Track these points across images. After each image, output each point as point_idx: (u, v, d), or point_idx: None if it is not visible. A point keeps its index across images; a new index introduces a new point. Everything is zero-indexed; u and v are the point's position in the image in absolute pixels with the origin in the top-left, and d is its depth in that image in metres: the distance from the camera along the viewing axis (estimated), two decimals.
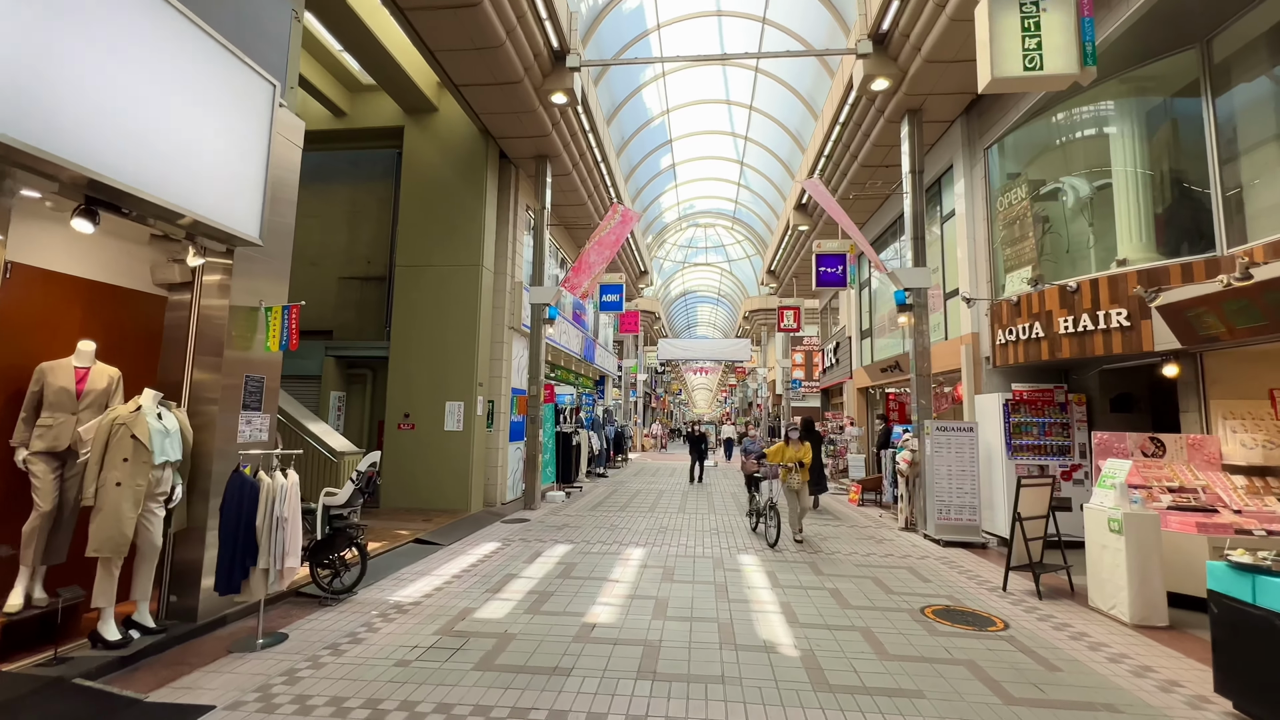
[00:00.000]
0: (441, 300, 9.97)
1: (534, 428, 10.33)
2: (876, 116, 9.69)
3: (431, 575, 5.90)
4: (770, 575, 6.05)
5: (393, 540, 7.22)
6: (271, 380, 5.09)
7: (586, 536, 7.86)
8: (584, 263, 10.21)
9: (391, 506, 9.52)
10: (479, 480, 9.82)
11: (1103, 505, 5.17)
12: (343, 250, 11.82)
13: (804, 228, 15.21)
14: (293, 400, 8.22)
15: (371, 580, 5.63)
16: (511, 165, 11.14)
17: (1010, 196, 8.06)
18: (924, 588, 5.72)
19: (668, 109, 15.42)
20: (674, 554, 6.96)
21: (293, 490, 4.20)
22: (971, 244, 9.01)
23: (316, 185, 12.04)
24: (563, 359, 15.57)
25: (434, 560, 6.49)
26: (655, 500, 11.37)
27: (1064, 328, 6.94)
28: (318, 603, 5.00)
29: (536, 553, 6.92)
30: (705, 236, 28.17)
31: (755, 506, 8.22)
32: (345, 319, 11.42)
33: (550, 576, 5.90)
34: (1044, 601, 5.35)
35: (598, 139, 11.67)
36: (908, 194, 9.04)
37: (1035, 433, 7.77)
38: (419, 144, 10.47)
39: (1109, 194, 7.15)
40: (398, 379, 9.87)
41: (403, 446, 9.65)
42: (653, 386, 34.96)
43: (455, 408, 9.66)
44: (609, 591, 5.42)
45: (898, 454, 9.24)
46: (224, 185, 4.33)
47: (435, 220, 10.20)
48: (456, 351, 9.81)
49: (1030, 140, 8.16)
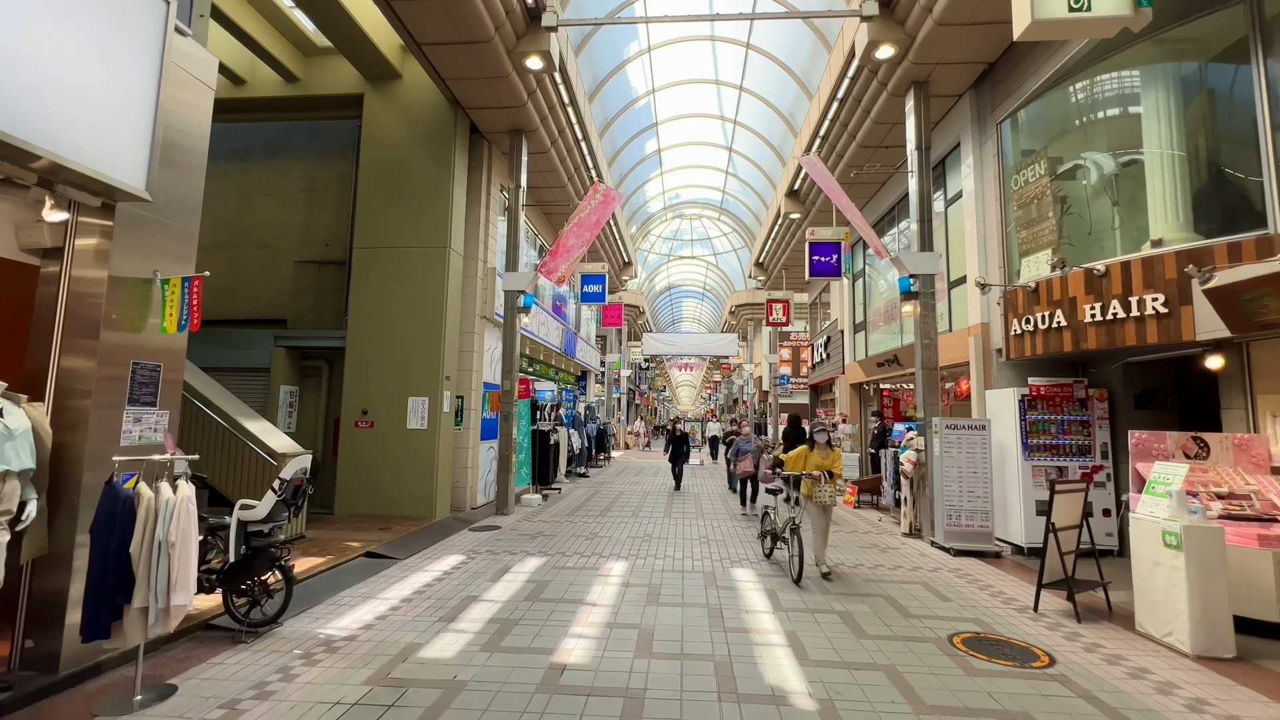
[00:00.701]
0: (404, 285, 9.06)
1: (508, 425, 9.48)
2: (879, 90, 8.98)
3: (377, 599, 5.05)
4: (770, 595, 5.30)
5: (340, 554, 6.34)
6: (172, 369, 4.20)
7: (562, 547, 7.05)
8: (562, 246, 9.37)
9: (348, 514, 8.61)
10: (445, 483, 8.94)
11: (1154, 515, 4.49)
12: (298, 231, 10.83)
13: (796, 215, 14.51)
14: (228, 395, 7.28)
15: (303, 606, 4.76)
16: (484, 141, 10.24)
17: (1027, 174, 7.40)
18: (945, 609, 5.02)
19: (653, 89, 14.60)
20: (660, 568, 6.18)
21: (183, 508, 3.33)
22: (981, 227, 8.34)
23: (269, 160, 11.06)
24: (542, 353, 14.71)
25: (384, 579, 5.63)
26: (639, 503, 10.59)
27: (1090, 316, 6.29)
28: (230, 638, 4.13)
29: (504, 568, 6.09)
30: (691, 229, 27.42)
31: (769, 527, 6.57)
32: (301, 306, 10.44)
33: (517, 599, 5.08)
34: (1083, 625, 4.67)
35: (578, 114, 10.81)
36: (913, 173, 8.35)
37: (1053, 431, 7.13)
38: (381, 114, 9.52)
39: (1138, 170, 6.50)
40: (355, 371, 8.94)
41: (360, 446, 8.74)
42: (637, 383, 34.19)
43: (419, 404, 8.77)
44: (585, 619, 4.62)
45: (900, 454, 8.57)
46: (96, 122, 3.44)
47: (398, 198, 9.28)
48: (421, 341, 8.92)
49: (1049, 113, 7.49)
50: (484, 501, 10.17)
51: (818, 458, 6.09)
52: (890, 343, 11.82)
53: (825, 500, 5.90)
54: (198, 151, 4.46)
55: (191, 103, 4.39)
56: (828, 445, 6.15)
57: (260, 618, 4.31)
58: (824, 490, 5.89)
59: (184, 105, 4.34)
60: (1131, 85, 6.71)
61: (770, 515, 6.66)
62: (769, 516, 6.68)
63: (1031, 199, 7.35)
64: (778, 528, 6.28)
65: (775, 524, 6.40)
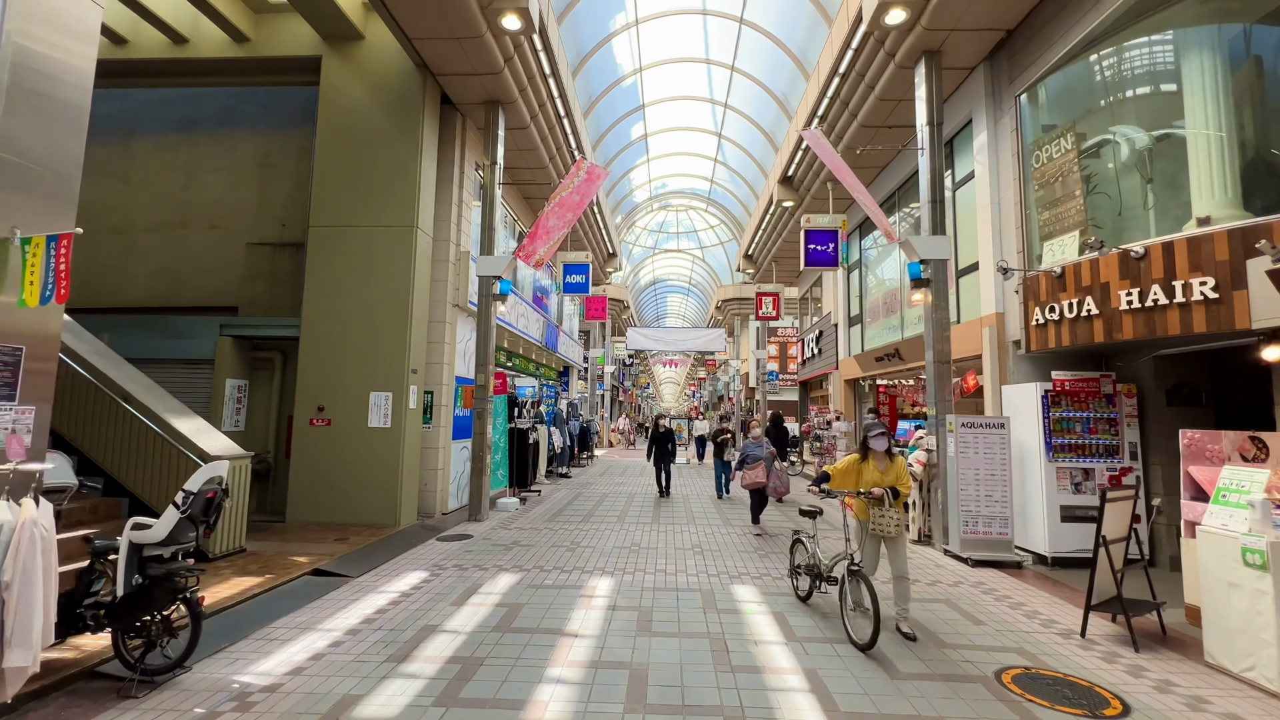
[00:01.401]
0: (366, 268, 8.18)
1: (481, 423, 8.66)
2: (885, 62, 8.32)
3: (316, 630, 4.23)
4: (779, 621, 4.59)
5: (282, 572, 5.49)
6: (40, 354, 3.34)
7: (540, 560, 6.27)
8: (541, 227, 8.57)
9: (301, 522, 7.73)
10: (411, 488, 8.10)
11: (1228, 529, 3.87)
12: (251, 211, 9.87)
13: (789, 204, 13.85)
14: (156, 389, 6.36)
15: (223, 642, 3.94)
16: (457, 113, 9.38)
17: (1050, 150, 6.79)
18: (981, 635, 4.36)
19: (640, 67, 13.81)
20: (650, 585, 5.45)
21: (25, 535, 2.49)
22: (996, 210, 7.74)
23: (220, 131, 10.09)
24: (521, 346, 13.88)
25: (329, 603, 4.81)
26: (625, 507, 9.84)
27: (1126, 302, 5.69)
28: (116, 692, 3.29)
29: (473, 587, 5.30)
30: (677, 221, 26.71)
31: (805, 561, 4.97)
32: (253, 292, 9.49)
33: (484, 629, 4.30)
34: (1142, 655, 4.05)
35: (560, 87, 9.99)
36: (923, 150, 7.71)
37: (1078, 430, 6.54)
38: (340, 79, 8.61)
39: (1176, 143, 5.93)
40: (310, 363, 8.04)
41: (315, 447, 7.86)
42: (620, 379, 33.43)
43: (381, 399, 7.90)
44: (564, 655, 3.86)
45: (909, 454, 7.95)
46: None
47: (359, 172, 8.38)
48: (384, 331, 8.05)
49: (1075, 84, 6.88)
50: (456, 506, 9.35)
51: (874, 471, 4.48)
52: (890, 336, 11.23)
53: (888, 529, 4.29)
54: (75, 104, 3.58)
55: (65, 47, 3.52)
56: (887, 454, 4.54)
57: (161, 662, 3.47)
58: (887, 516, 4.28)
59: (54, 49, 3.47)
60: (1169, 51, 6.11)
61: (805, 544, 4.99)
62: (803, 545, 5.04)
63: (1055, 177, 6.74)
64: (822, 565, 4.73)
65: (817, 559, 4.80)
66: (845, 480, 4.62)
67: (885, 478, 4.45)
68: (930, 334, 7.38)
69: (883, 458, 4.54)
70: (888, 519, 4.30)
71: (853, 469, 4.60)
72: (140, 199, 10.09)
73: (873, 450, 4.54)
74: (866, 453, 4.57)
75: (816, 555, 4.84)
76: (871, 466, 4.53)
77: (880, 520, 4.30)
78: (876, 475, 4.47)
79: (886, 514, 4.30)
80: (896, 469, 4.51)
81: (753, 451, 7.96)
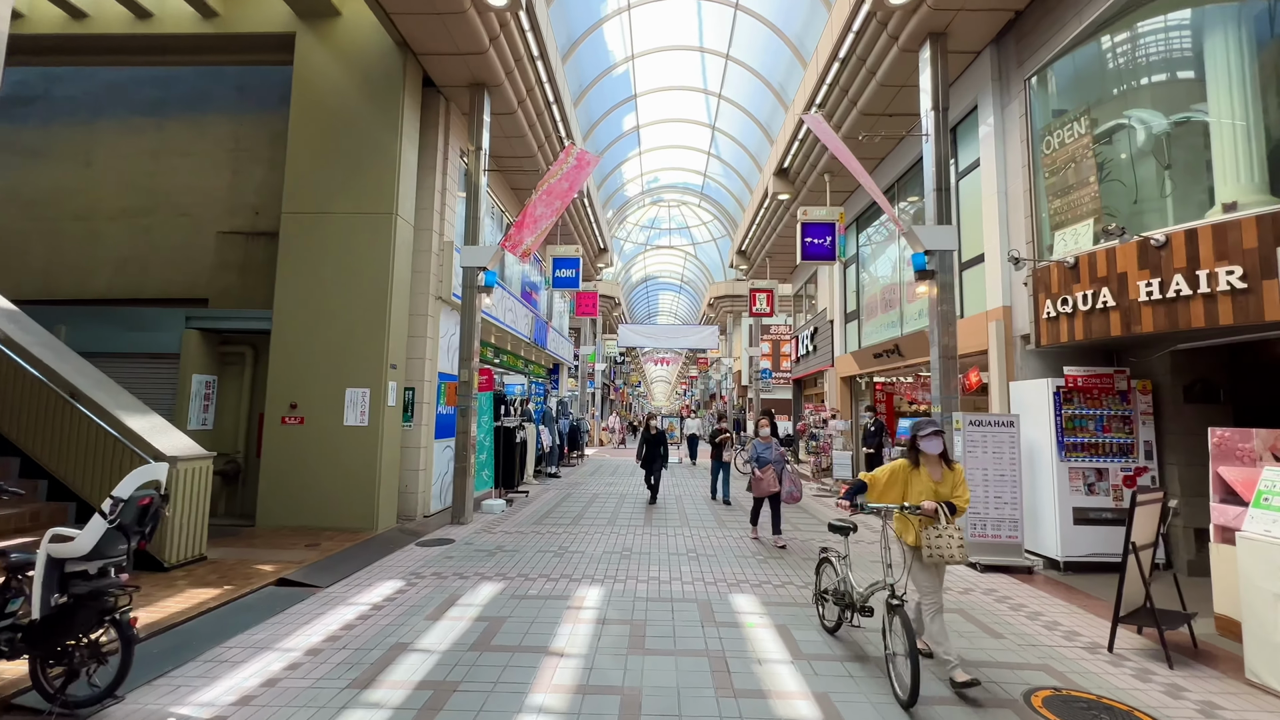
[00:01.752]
0: (342, 257, 7.73)
1: (465, 421, 8.24)
2: (889, 45, 7.99)
3: (273, 650, 3.82)
4: (784, 634, 4.24)
5: (243, 583, 5.05)
6: None
7: (525, 567, 5.88)
8: (529, 215, 8.15)
9: (272, 525, 7.28)
10: (389, 489, 7.67)
11: (1271, 535, 3.56)
12: (223, 198, 9.38)
13: (784, 196, 13.52)
14: (108, 383, 5.89)
15: (166, 666, 3.52)
16: (440, 96, 8.94)
17: (1062, 135, 6.49)
18: (1001, 650, 4.03)
19: (632, 55, 13.41)
20: (643, 595, 5.07)
21: None
22: (1003, 199, 7.43)
23: (189, 114, 9.59)
24: (510, 342, 13.46)
25: (291, 618, 4.39)
26: (615, 508, 9.46)
27: (1146, 294, 5.39)
28: None
29: (452, 598, 4.90)
30: (669, 216, 26.36)
31: (832, 586, 4.22)
32: (225, 284, 9.02)
33: (461, 648, 3.91)
34: (1178, 672, 3.73)
35: (549, 71, 9.58)
36: (928, 137, 7.38)
37: (1091, 428, 6.25)
38: (315, 57, 8.14)
39: (1195, 128, 5.63)
40: (282, 358, 7.58)
41: (288, 446, 7.41)
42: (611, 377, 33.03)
43: (358, 396, 7.47)
44: (548, 678, 3.48)
45: None
46: None
47: (335, 155, 7.93)
48: (361, 323, 7.61)
49: (1089, 66, 6.58)
50: (439, 508, 8.92)
51: (925, 480, 3.65)
52: (889, 332, 10.93)
53: (946, 554, 3.41)
54: None
55: None
56: (943, 460, 3.69)
57: (88, 693, 3.05)
58: (945, 536, 3.43)
59: None
60: (1189, 30, 5.81)
61: (834, 565, 4.21)
62: (831, 567, 4.26)
63: (1067, 163, 6.44)
64: (855, 593, 3.94)
65: (849, 584, 4.00)
66: (890, 492, 3.75)
67: (940, 489, 3.61)
68: (935, 328, 7.06)
69: (936, 464, 3.68)
70: (947, 540, 3.42)
71: (898, 478, 3.74)
72: (104, 185, 9.56)
73: (924, 454, 3.68)
74: (917, 457, 3.70)
75: (849, 580, 4.00)
76: (923, 475, 3.66)
77: (937, 542, 3.43)
78: (928, 486, 3.63)
79: (945, 533, 3.43)
80: (954, 479, 3.66)
81: (763, 454, 7.06)
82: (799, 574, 5.79)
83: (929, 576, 3.59)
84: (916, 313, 9.97)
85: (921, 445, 3.65)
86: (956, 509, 3.56)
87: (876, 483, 3.79)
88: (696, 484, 12.81)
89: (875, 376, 12.60)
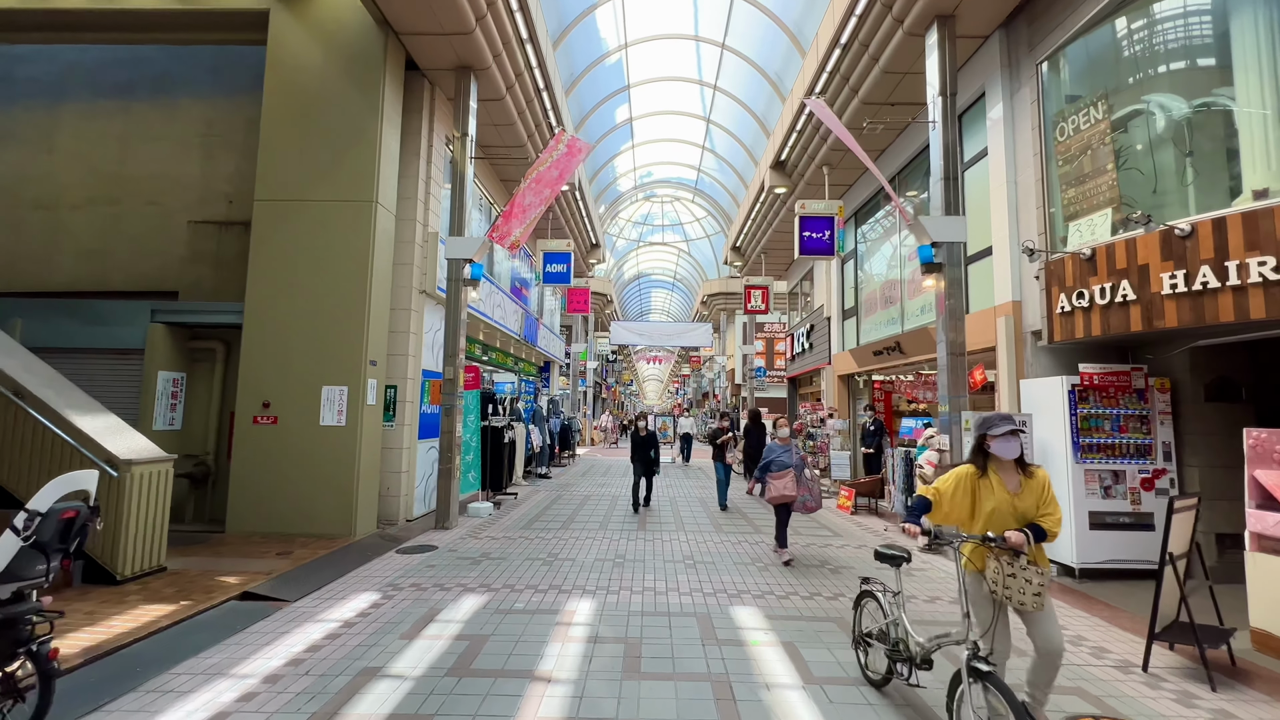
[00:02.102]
0: (319, 247, 7.31)
1: (450, 420, 7.85)
2: (893, 29, 7.67)
3: (228, 677, 3.42)
4: (791, 652, 3.89)
5: (203, 597, 4.64)
6: None
7: (512, 577, 5.51)
8: (517, 205, 7.77)
9: (243, 531, 6.85)
10: (369, 493, 7.26)
11: None
12: (194, 186, 8.93)
13: (781, 190, 13.20)
14: (59, 380, 5.44)
15: (103, 698, 3.11)
16: (425, 80, 8.53)
17: (1077, 121, 6.19)
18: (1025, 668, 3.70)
19: (625, 43, 13.03)
20: (638, 608, 4.72)
21: None
22: (1012, 189, 7.14)
23: (159, 98, 9.14)
24: (499, 339, 13.05)
25: (252, 638, 3.99)
26: (608, 511, 9.10)
27: (1170, 286, 5.09)
28: None
29: (430, 613, 4.52)
30: (662, 212, 26.01)
31: (877, 628, 3.38)
32: (196, 276, 8.55)
33: (437, 672, 3.53)
34: (1222, 694, 3.42)
35: (539, 55, 9.19)
36: (935, 124, 7.07)
37: (1107, 428, 5.96)
38: (291, 36, 7.70)
39: (1219, 112, 5.35)
40: (254, 354, 7.15)
41: (260, 447, 6.98)
42: (603, 375, 32.64)
43: (336, 394, 7.05)
44: (532, 709, 3.12)
45: (917, 455, 7.33)
46: None
47: (311, 140, 7.50)
48: (339, 317, 7.19)
49: (1103, 50, 6.29)
50: (423, 512, 8.52)
51: (999, 491, 2.78)
52: (890, 329, 10.63)
53: (1016, 599, 2.63)
54: None
55: None
56: (1020, 465, 2.83)
57: None
58: (1018, 574, 2.63)
59: None
60: (1213, 9, 5.53)
61: (880, 603, 3.34)
62: (876, 603, 3.41)
63: (1083, 150, 6.14)
64: (911, 642, 3.08)
65: (904, 631, 3.13)
66: (956, 509, 2.86)
67: (1019, 503, 2.74)
68: (944, 323, 6.75)
69: (1011, 470, 2.82)
70: (1022, 582, 2.58)
71: (964, 488, 2.84)
72: (68, 171, 9.06)
73: (995, 459, 2.83)
74: (984, 462, 2.86)
75: (903, 625, 3.11)
76: (994, 485, 2.79)
77: (1008, 581, 2.61)
78: (1003, 499, 2.75)
79: (1021, 571, 2.60)
80: (1036, 489, 2.76)
81: (779, 457, 6.17)
82: (803, 583, 5.46)
83: (987, 611, 2.75)
84: (918, 309, 9.68)
85: (994, 448, 2.78)
86: (1045, 533, 2.68)
87: (941, 498, 2.89)
88: (691, 484, 12.47)
89: (874, 375, 12.31)
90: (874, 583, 3.50)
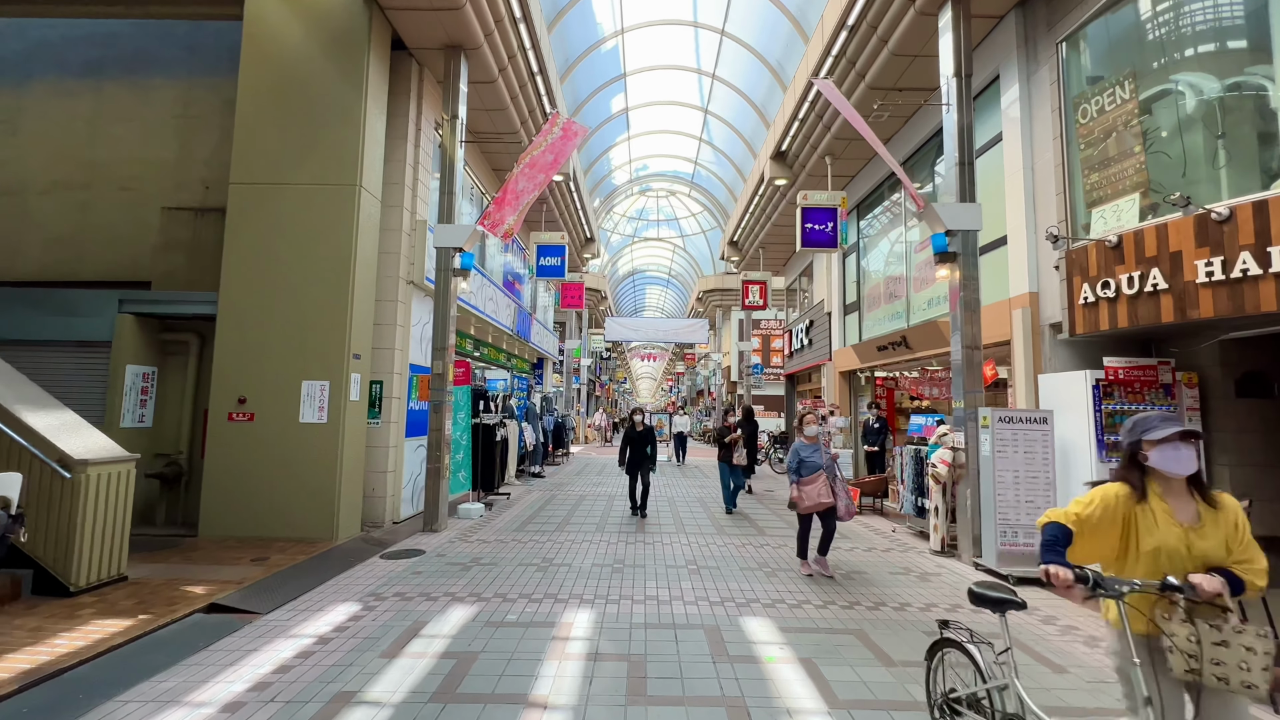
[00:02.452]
0: (299, 234, 6.89)
1: (439, 417, 7.46)
2: (904, 8, 7.33)
3: (182, 705, 3.04)
4: (810, 670, 3.55)
5: (165, 610, 4.24)
6: None
7: (503, 585, 5.14)
8: (510, 191, 7.38)
9: (217, 536, 6.43)
10: (353, 494, 6.86)
11: None
12: (169, 170, 8.48)
13: (782, 181, 12.86)
14: (8, 372, 5.01)
15: None
16: (412, 61, 8.12)
17: (1101, 102, 5.88)
18: (1073, 693, 3.39)
19: (622, 29, 12.65)
20: (640, 619, 4.36)
21: None
22: (1029, 175, 6.83)
23: (132, 77, 8.67)
24: (491, 334, 12.65)
25: (214, 657, 3.60)
26: (605, 511, 8.74)
27: (1205, 274, 4.79)
28: None
29: (415, 626, 4.15)
30: (658, 208, 25.63)
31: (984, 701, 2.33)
32: (171, 265, 8.09)
33: (419, 698, 3.16)
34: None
35: (533, 36, 8.79)
36: (949, 106, 6.75)
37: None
38: (269, 8, 7.25)
39: (1254, 90, 5.05)
40: (229, 347, 6.73)
41: (236, 446, 6.56)
42: (597, 373, 32.25)
43: (317, 389, 6.64)
44: None
45: (930, 453, 7.02)
46: None
47: (291, 120, 7.07)
48: (320, 308, 6.79)
49: (1129, 26, 5.98)
50: (410, 514, 8.13)
51: (1167, 523, 1.94)
52: (895, 324, 10.33)
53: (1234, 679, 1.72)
54: None
55: None
56: (1196, 487, 1.98)
57: None
58: (1232, 642, 1.74)
59: None
60: None
61: (977, 659, 2.40)
62: (966, 658, 2.47)
63: (1107, 133, 5.84)
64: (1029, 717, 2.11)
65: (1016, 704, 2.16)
66: (1099, 545, 2.04)
67: (1201, 541, 1.91)
68: (958, 316, 6.44)
69: (1185, 496, 1.98)
70: (1237, 649, 1.73)
71: (1112, 517, 2.00)
72: (35, 155, 8.58)
73: (1157, 477, 1.99)
74: (1144, 481, 2.00)
75: (1018, 696, 2.15)
76: (1159, 516, 1.96)
77: (1218, 653, 1.75)
78: (1175, 536, 1.92)
79: (1234, 637, 1.75)
80: (1225, 525, 1.92)
81: (809, 458, 5.43)
82: (815, 590, 5.12)
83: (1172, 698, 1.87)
84: (925, 302, 9.38)
85: (1155, 460, 1.95)
86: (1244, 585, 1.85)
87: (1083, 526, 2.01)
88: (688, 484, 12.13)
89: (877, 371, 12.01)
90: (964, 632, 2.52)
